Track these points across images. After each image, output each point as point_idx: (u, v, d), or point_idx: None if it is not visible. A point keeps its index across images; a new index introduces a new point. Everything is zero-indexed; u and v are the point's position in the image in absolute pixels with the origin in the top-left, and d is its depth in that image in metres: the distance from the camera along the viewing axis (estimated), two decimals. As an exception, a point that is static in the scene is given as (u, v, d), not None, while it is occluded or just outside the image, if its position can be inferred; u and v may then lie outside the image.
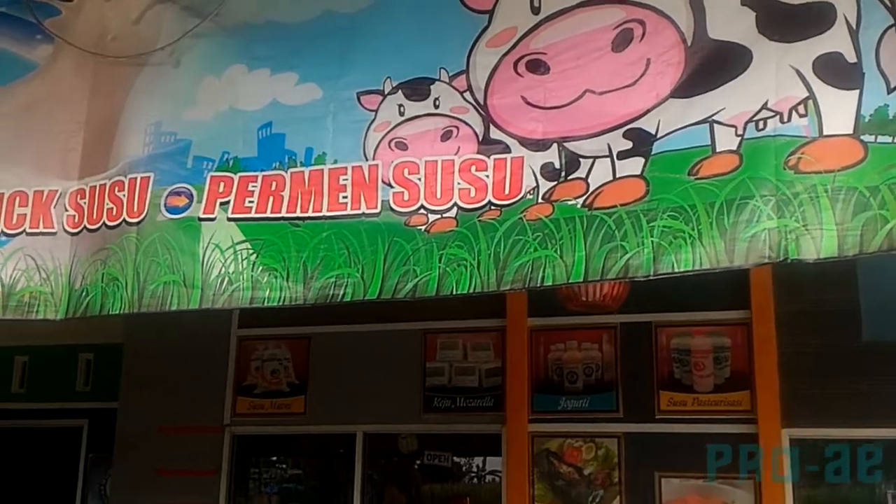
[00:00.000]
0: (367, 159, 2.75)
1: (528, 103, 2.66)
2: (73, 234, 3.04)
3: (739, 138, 2.41)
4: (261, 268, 2.70)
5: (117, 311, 2.84)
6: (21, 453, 9.35)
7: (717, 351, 5.76)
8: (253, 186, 2.78)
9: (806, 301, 5.64)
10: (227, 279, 2.72)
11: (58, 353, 7.72)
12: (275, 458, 9.48)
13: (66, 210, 3.05)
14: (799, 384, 5.49)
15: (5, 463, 9.09)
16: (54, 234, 3.05)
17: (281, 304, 2.64)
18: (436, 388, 6.36)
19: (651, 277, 2.35)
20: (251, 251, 2.72)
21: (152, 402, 6.84)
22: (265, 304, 2.67)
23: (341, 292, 2.59)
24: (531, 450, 5.99)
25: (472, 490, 8.30)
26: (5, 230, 3.09)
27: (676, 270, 2.33)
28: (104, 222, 2.94)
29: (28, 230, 3.08)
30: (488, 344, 6.35)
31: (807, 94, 2.35)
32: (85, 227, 3.00)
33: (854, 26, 2.33)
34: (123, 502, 6.79)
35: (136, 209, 2.88)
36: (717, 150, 2.44)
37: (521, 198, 2.54)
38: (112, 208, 2.91)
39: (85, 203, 3.01)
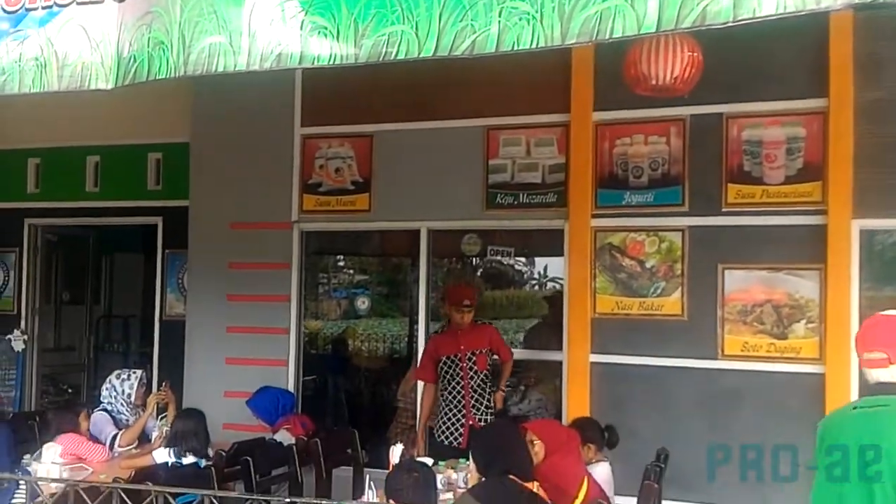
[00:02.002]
0: None
1: None
2: (119, 1, 2.95)
3: None
4: (309, 26, 2.57)
5: (164, 76, 2.78)
6: (106, 251, 9.83)
7: (791, 141, 5.56)
8: None
9: (887, 88, 5.36)
10: (274, 39, 2.61)
11: (127, 152, 7.87)
12: (342, 264, 9.76)
13: (113, -24, 2.96)
14: (874, 175, 5.32)
15: (91, 262, 9.59)
16: (102, 2, 2.98)
17: (331, 63, 2.53)
18: (498, 185, 6.34)
19: (731, 24, 2.17)
20: (299, 9, 2.59)
21: (222, 200, 7.00)
22: (314, 63, 2.56)
23: (394, 50, 2.46)
24: (594, 244, 6.00)
25: (533, 295, 8.46)
26: (56, 1, 3.04)
27: (757, 16, 2.14)
28: (148, -16, 2.84)
29: (78, 0, 3.02)
30: (552, 139, 6.24)
31: None
32: (130, -10, 2.91)
33: None
34: (200, 294, 7.11)
35: (180, -33, 2.76)
36: None
37: (591, -56, 2.34)
38: (157, -33, 2.80)
39: (130, -34, 2.91)
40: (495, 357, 5.84)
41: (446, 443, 5.57)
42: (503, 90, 6.05)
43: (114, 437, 5.50)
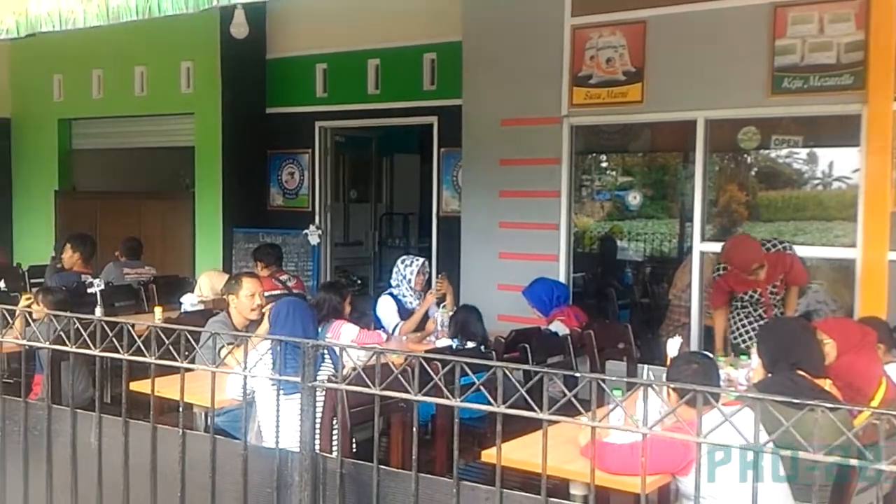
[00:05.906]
0: None
1: None
2: None
3: None
4: None
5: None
6: (386, 151, 10.40)
7: None
8: None
9: None
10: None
11: (404, 53, 8.17)
12: (606, 165, 9.60)
13: None
14: None
15: (374, 162, 10.19)
16: None
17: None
18: (786, 68, 5.85)
19: None
20: None
21: (493, 97, 7.09)
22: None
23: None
24: (896, 130, 5.41)
25: (816, 195, 7.79)
26: None
27: None
28: None
29: None
30: (849, 14, 5.64)
31: None
32: None
33: None
34: (473, 191, 7.32)
35: None
36: None
37: None
38: None
39: None
40: None
41: (742, 346, 5.43)
42: (792, -38, 5.53)
43: (395, 326, 5.90)
